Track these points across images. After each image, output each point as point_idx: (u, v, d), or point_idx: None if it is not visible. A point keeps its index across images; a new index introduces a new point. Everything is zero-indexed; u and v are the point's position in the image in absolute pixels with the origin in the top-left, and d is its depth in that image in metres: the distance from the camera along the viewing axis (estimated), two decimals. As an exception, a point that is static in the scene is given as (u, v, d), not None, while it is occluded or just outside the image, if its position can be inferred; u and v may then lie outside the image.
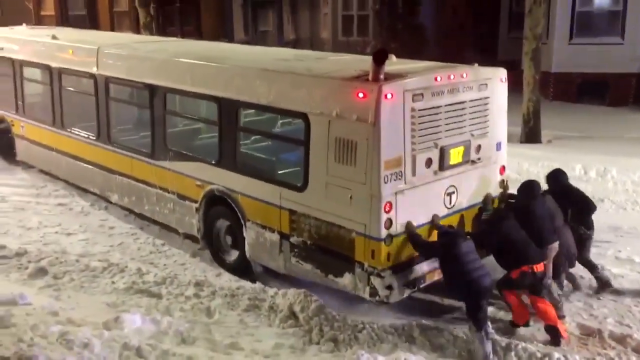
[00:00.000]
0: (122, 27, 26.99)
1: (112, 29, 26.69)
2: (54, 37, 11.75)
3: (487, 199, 7.56)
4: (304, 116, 7.07)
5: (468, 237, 6.73)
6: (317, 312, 6.65)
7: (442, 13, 24.86)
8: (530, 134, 15.24)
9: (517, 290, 6.83)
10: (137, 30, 24.13)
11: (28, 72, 12.26)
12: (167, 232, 9.56)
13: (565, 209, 7.43)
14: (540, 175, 11.95)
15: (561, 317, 6.93)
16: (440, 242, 6.72)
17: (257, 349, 6.22)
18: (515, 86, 18.07)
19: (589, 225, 7.67)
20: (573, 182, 8.16)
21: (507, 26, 23.14)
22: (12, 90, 12.56)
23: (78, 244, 9.18)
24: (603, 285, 7.66)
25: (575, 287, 7.68)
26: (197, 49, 10.79)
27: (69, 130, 11.13)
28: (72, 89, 11.13)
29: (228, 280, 8.03)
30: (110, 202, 10.57)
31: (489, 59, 22.51)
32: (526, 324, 6.90)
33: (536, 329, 6.82)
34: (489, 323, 6.41)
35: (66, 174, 11.58)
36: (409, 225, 6.73)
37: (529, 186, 7.34)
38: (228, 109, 8.04)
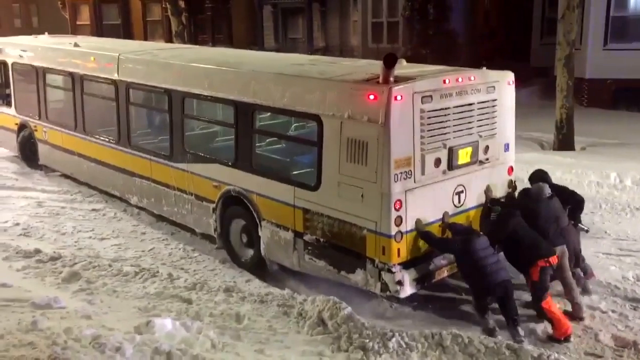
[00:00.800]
0: (155, 36, 27.44)
1: (145, 38, 27.16)
2: (76, 45, 12.16)
3: (488, 196, 7.72)
4: (317, 118, 7.33)
5: (482, 233, 6.97)
6: (346, 320, 6.63)
7: (473, 19, 24.67)
8: (563, 142, 14.98)
9: (547, 290, 6.85)
10: (169, 39, 24.53)
11: (51, 78, 12.62)
12: (197, 238, 9.65)
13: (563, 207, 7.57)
14: (573, 183, 11.78)
15: (581, 319, 7.04)
16: (457, 238, 6.94)
17: (285, 355, 6.22)
18: (548, 93, 17.85)
19: (578, 220, 7.92)
20: (607, 190, 8.04)
21: (539, 32, 22.84)
22: (35, 96, 12.94)
23: (111, 249, 9.34)
24: (586, 275, 7.83)
25: (580, 285, 7.61)
26: (213, 55, 11.12)
27: (90, 134, 11.46)
28: (93, 94, 11.48)
29: (257, 286, 8.06)
30: (130, 204, 10.87)
31: (521, 66, 22.28)
32: (567, 339, 6.74)
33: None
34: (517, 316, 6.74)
35: (87, 177, 11.93)
36: (418, 223, 6.95)
37: (531, 190, 7.55)
38: (244, 112, 8.31)
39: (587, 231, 8.00)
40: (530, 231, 6.98)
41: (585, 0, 18.06)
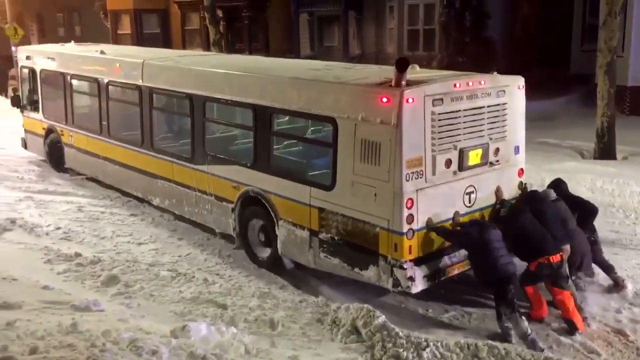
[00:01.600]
0: (193, 45, 27.88)
1: (184, 47, 27.61)
2: (102, 53, 12.57)
3: (498, 196, 7.91)
4: (332, 120, 7.62)
5: (496, 227, 7.18)
6: (380, 328, 6.58)
7: (511, 26, 24.35)
8: (604, 150, 14.66)
9: (537, 282, 7.24)
10: (207, 47, 24.88)
11: (77, 84, 13.07)
12: (232, 245, 9.73)
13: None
14: (615, 193, 11.50)
15: (584, 317, 7.21)
16: (472, 229, 7.15)
17: (319, 363, 6.21)
18: (588, 101, 17.49)
19: (592, 229, 8.05)
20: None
21: (579, 39, 22.40)
22: (62, 102, 13.37)
23: (148, 253, 9.48)
24: (618, 286, 7.90)
25: (579, 289, 7.76)
26: (233, 61, 11.56)
27: (114, 138, 11.86)
28: (118, 99, 11.92)
29: (291, 293, 8.08)
30: (153, 205, 11.22)
31: (561, 73, 21.93)
32: (541, 320, 7.20)
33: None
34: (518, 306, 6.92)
35: (111, 179, 12.33)
36: (429, 222, 7.22)
37: (537, 194, 7.97)
38: (262, 115, 8.63)
39: (594, 241, 8.00)
40: (539, 228, 7.24)
41: (627, 6, 17.65)
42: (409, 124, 6.90)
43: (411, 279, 7.08)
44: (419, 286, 7.15)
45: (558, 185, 8.22)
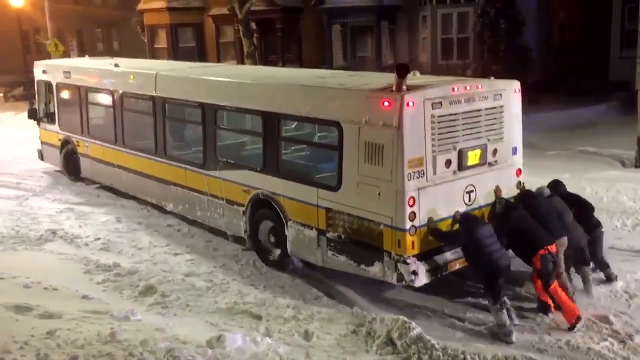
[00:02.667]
0: (227, 57, 28.22)
1: (218, 60, 27.98)
2: (116, 65, 13.06)
3: (497, 195, 8.18)
4: (337, 124, 8.02)
5: (488, 222, 7.53)
6: (416, 340, 6.52)
7: (547, 33, 24.01)
8: (646, 158, 14.28)
9: (551, 277, 7.27)
10: (241, 59, 25.17)
11: (92, 96, 13.59)
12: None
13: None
14: (657, 202, 11.18)
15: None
16: (463, 227, 7.43)
17: (354, 374, 6.17)
18: (628, 108, 17.06)
19: (596, 224, 8.28)
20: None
21: (618, 45, 21.93)
22: (77, 113, 13.87)
23: (184, 263, 9.58)
24: (609, 281, 8.16)
25: (586, 282, 8.00)
26: (243, 71, 12.31)
27: (129, 147, 12.34)
28: (132, 110, 12.42)
29: (326, 304, 8.06)
30: (166, 211, 11.59)
31: (599, 80, 21.48)
32: (578, 320, 7.12)
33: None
34: (506, 298, 7.25)
35: (126, 187, 12.78)
36: (430, 221, 7.53)
37: (530, 191, 8.26)
38: (271, 121, 9.05)
39: (599, 236, 8.24)
40: (533, 223, 7.51)
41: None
42: (410, 126, 7.28)
43: (414, 273, 7.39)
44: (422, 280, 7.45)
45: (556, 186, 8.52)
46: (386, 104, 7.36)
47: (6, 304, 7.07)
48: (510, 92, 8.50)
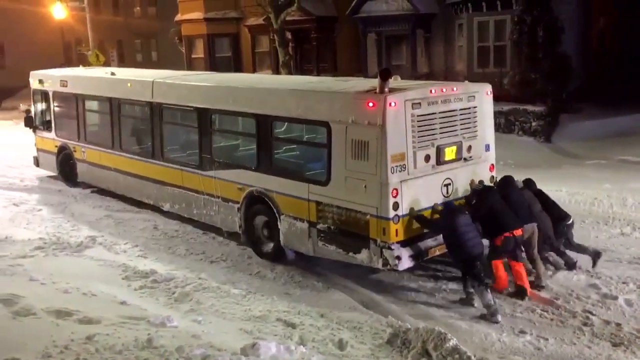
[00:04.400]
0: (263, 67, 28.48)
1: (254, 69, 28.26)
2: (112, 74, 13.76)
3: (472, 185, 8.98)
4: (326, 124, 8.74)
5: (466, 212, 8.15)
6: (452, 351, 6.43)
7: (586, 40, 23.52)
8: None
9: (503, 256, 8.21)
10: (276, 69, 25.36)
11: (90, 104, 14.26)
12: (301, 264, 9.79)
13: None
14: None
15: (541, 286, 8.39)
16: (442, 215, 8.22)
17: (388, 385, 6.12)
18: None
19: (566, 214, 9.05)
20: None
21: (661, 51, 21.34)
22: (74, 120, 14.50)
23: (220, 271, 9.68)
24: (570, 267, 8.96)
25: (558, 267, 8.96)
26: (236, 77, 13.22)
27: (126, 151, 12.96)
28: (129, 115, 13.19)
29: (360, 312, 8.03)
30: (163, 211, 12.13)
31: (641, 87, 20.86)
32: (502, 292, 8.21)
33: None
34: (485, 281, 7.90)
35: (123, 189, 13.35)
36: (411, 211, 8.28)
37: (506, 179, 8.96)
38: (264, 123, 9.74)
39: (569, 225, 9.01)
40: (504, 208, 8.29)
41: None
42: (392, 124, 8.05)
43: (398, 258, 8.13)
44: (405, 264, 8.21)
45: (528, 183, 9.28)
46: (371, 104, 8.13)
47: (47, 308, 7.23)
48: (483, 94, 9.28)
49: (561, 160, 16.96)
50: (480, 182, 9.05)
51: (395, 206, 8.14)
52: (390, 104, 8.02)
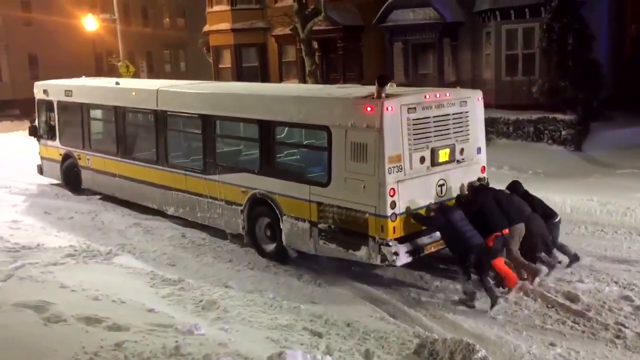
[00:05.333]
0: (290, 76, 28.60)
1: (280, 79, 28.40)
2: (117, 84, 14.30)
3: (462, 191, 9.31)
4: (326, 128, 9.22)
5: (459, 209, 8.66)
6: (480, 363, 6.34)
7: (618, 47, 23.15)
8: None
9: (498, 254, 8.50)
10: (302, 78, 25.45)
11: (95, 113, 14.81)
12: (327, 273, 9.78)
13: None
14: None
15: (523, 279, 8.73)
16: (438, 212, 8.62)
17: (416, 396, 6.05)
18: None
19: (553, 212, 9.45)
20: None
21: (696, 58, 20.88)
22: (79, 129, 14.94)
23: (247, 279, 9.71)
24: (575, 260, 9.33)
25: (551, 267, 9.07)
26: (238, 86, 13.91)
27: (131, 158, 13.39)
28: (134, 123, 13.66)
29: (387, 322, 7.98)
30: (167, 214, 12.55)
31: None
32: (514, 286, 8.51)
33: None
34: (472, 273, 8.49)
35: (128, 195, 13.74)
36: (408, 210, 8.69)
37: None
38: (267, 128, 10.20)
39: (555, 224, 9.37)
40: (494, 208, 8.67)
41: None
42: (389, 127, 8.53)
43: (396, 254, 8.56)
44: (402, 260, 8.65)
45: (516, 186, 9.63)
46: (369, 109, 8.63)
47: (77, 315, 7.34)
48: (474, 100, 9.76)
49: (592, 170, 16.67)
50: (479, 179, 9.44)
51: (393, 205, 8.57)
52: (387, 109, 8.51)
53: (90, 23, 31.24)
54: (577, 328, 7.62)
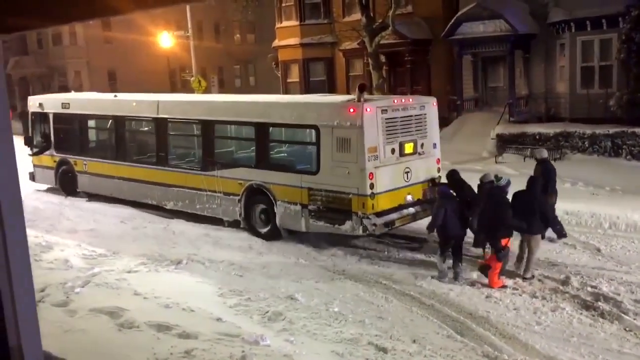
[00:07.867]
0: (356, 90, 28.69)
1: (347, 92, 28.51)
2: (115, 96, 16.48)
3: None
4: (315, 127, 11.46)
5: (457, 199, 10.09)
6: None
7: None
8: None
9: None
10: (370, 92, 25.44)
11: (93, 123, 16.82)
12: (392, 288, 9.68)
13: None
14: None
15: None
16: (440, 202, 9.98)
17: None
18: None
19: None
20: None
21: None
22: (76, 138, 16.93)
23: (313, 292, 9.65)
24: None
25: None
26: (231, 96, 16.00)
27: (131, 161, 15.28)
28: (134, 130, 15.81)
29: (453, 340, 7.80)
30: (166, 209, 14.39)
31: None
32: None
33: None
34: (448, 255, 9.97)
35: (126, 194, 15.46)
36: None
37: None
38: (263, 129, 12.44)
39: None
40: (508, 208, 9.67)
41: None
42: (368, 124, 10.75)
43: (374, 225, 10.71)
44: (380, 230, 10.86)
45: (453, 175, 10.76)
46: (352, 110, 10.89)
47: (149, 322, 7.58)
48: (431, 105, 12.10)
49: (675, 186, 15.76)
50: (496, 176, 10.28)
51: (371, 186, 10.75)
52: (366, 110, 10.75)
53: (166, 40, 32.43)
54: (612, 343, 7.20)
